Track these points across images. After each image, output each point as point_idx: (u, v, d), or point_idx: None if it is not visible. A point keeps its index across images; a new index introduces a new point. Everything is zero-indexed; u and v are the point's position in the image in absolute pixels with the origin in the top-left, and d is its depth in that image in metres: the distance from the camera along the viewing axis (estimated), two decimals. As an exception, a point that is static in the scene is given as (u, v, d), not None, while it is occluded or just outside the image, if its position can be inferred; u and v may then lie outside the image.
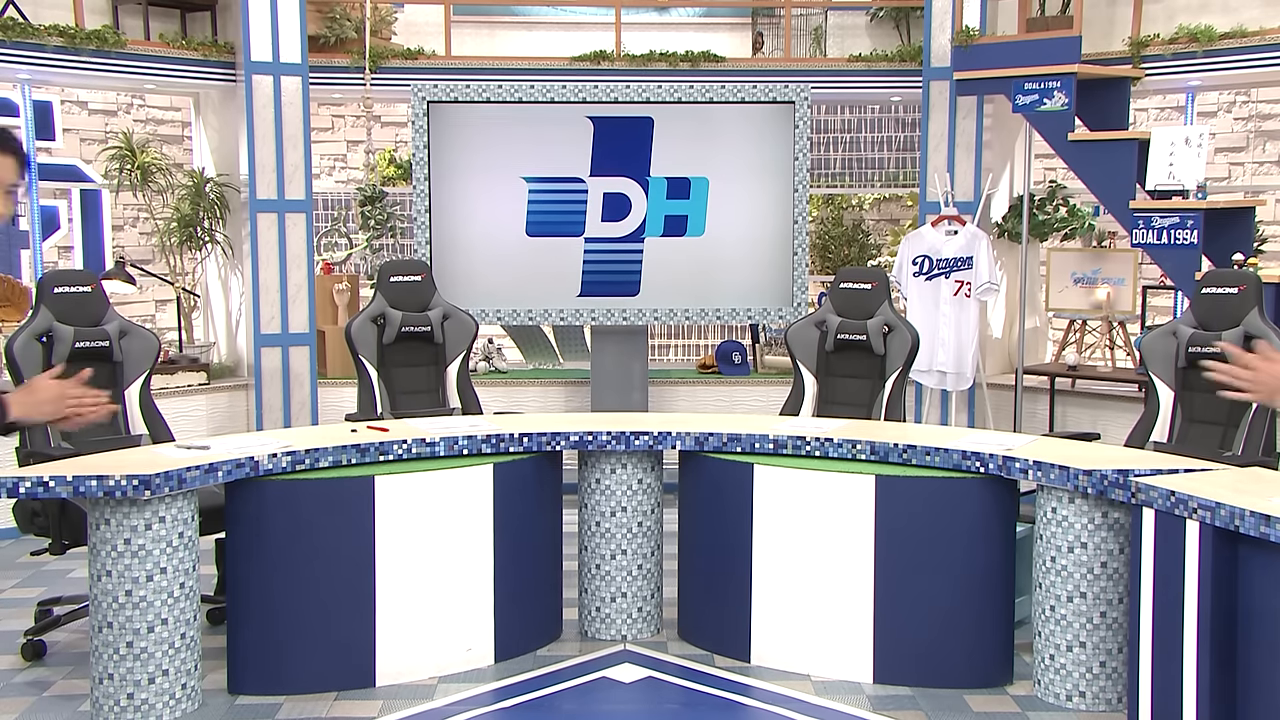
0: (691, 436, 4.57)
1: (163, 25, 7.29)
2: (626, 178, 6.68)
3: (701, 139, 6.65)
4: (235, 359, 7.73)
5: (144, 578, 3.83)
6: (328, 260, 7.91)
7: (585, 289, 6.73)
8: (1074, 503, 3.98)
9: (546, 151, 6.65)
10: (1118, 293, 7.35)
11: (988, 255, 6.97)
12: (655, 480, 4.70)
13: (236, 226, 7.53)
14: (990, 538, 4.21)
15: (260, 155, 7.05)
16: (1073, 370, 7.28)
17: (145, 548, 3.83)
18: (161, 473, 3.80)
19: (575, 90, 6.66)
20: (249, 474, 4.08)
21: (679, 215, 6.71)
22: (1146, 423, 4.87)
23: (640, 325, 6.84)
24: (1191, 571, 3.41)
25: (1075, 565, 3.98)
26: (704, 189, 6.68)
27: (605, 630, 4.67)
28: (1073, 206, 7.54)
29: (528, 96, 6.62)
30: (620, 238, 6.71)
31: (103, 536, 3.83)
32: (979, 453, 4.21)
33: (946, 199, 7.15)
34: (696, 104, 6.65)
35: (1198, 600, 3.39)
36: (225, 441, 4.37)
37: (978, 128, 7.31)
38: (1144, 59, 6.92)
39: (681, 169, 6.68)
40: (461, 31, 8.22)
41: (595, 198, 6.69)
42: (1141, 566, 3.58)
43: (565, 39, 8.18)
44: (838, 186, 10.63)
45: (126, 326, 5.08)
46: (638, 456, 4.64)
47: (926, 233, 7.16)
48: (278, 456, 4.14)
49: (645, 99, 6.65)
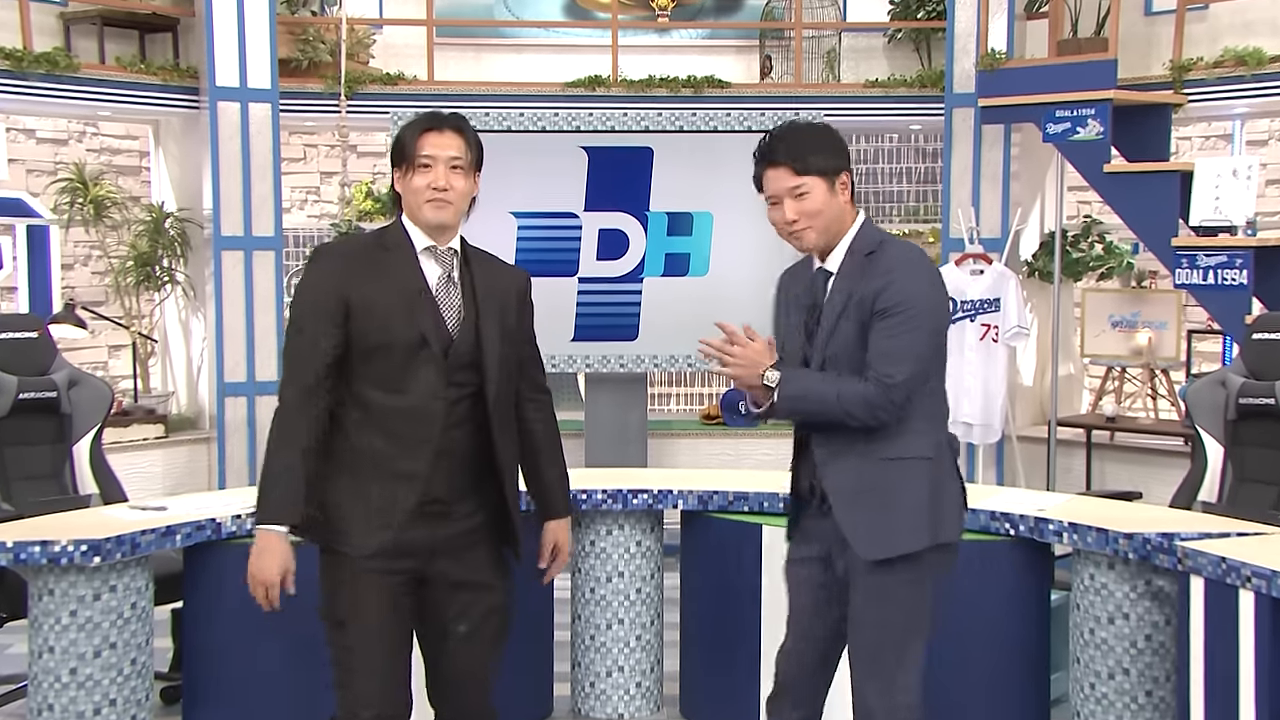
0: (694, 495, 4.55)
1: (119, 47, 7.35)
2: (624, 212, 6.69)
3: (705, 171, 6.67)
4: (196, 410, 7.72)
5: (91, 654, 3.80)
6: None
7: (579, 333, 6.72)
8: (1114, 569, 3.95)
9: (537, 184, 6.67)
10: (1160, 338, 7.36)
11: (1017, 297, 6.98)
12: (655, 543, 4.68)
13: (199, 265, 7.55)
14: (1022, 607, 4.18)
15: (225, 188, 7.08)
16: (1111, 422, 7.28)
17: (93, 620, 3.80)
18: (113, 537, 3.78)
19: (568, 118, 6.69)
20: (210, 537, 4.06)
21: (680, 253, 6.72)
22: (1193, 481, 4.85)
23: (638, 372, 6.83)
24: (1246, 647, 3.38)
25: (1116, 638, 3.95)
26: (708, 225, 6.69)
27: (600, 707, 4.63)
28: (1109, 244, 7.56)
29: (516, 125, 6.65)
30: (617, 277, 6.72)
31: (45, 608, 3.80)
32: (1008, 513, 4.19)
33: (971, 236, 7.17)
34: (699, 133, 6.67)
35: (1254, 679, 3.35)
36: (184, 501, 4.35)
37: (1005, 158, 7.34)
38: (1186, 84, 6.96)
39: (683, 203, 6.69)
40: (445, 55, 8.28)
41: (590, 234, 6.70)
42: (1190, 641, 3.55)
43: (558, 63, 8.24)
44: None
45: (76, 375, 5.07)
46: (636, 516, 4.61)
47: (950, 272, 7.16)
48: (242, 518, 4.12)
49: (644, 127, 6.68)
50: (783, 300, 3.35)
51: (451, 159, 3.10)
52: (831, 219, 3.13)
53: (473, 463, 3.16)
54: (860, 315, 3.08)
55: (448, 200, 3.09)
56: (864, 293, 3.08)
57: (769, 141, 3.17)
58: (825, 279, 3.19)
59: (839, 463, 3.16)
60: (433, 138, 3.10)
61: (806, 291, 3.23)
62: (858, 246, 3.16)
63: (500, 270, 3.30)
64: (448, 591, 3.18)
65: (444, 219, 3.11)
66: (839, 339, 3.12)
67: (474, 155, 3.16)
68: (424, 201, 3.09)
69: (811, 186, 3.09)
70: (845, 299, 3.11)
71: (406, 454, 3.07)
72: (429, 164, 3.08)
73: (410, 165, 3.11)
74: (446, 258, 3.16)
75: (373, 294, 3.06)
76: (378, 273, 3.09)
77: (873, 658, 3.18)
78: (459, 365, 3.11)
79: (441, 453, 3.09)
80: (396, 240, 3.15)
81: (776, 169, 3.13)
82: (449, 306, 3.13)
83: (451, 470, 3.12)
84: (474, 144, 3.17)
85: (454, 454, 3.12)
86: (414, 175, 3.10)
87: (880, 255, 3.14)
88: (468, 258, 3.22)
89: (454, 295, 3.15)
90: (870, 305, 3.06)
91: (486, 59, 8.75)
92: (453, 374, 3.10)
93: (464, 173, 3.12)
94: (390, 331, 3.05)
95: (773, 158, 3.13)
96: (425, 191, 3.08)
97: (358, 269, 3.10)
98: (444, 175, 3.08)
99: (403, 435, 3.07)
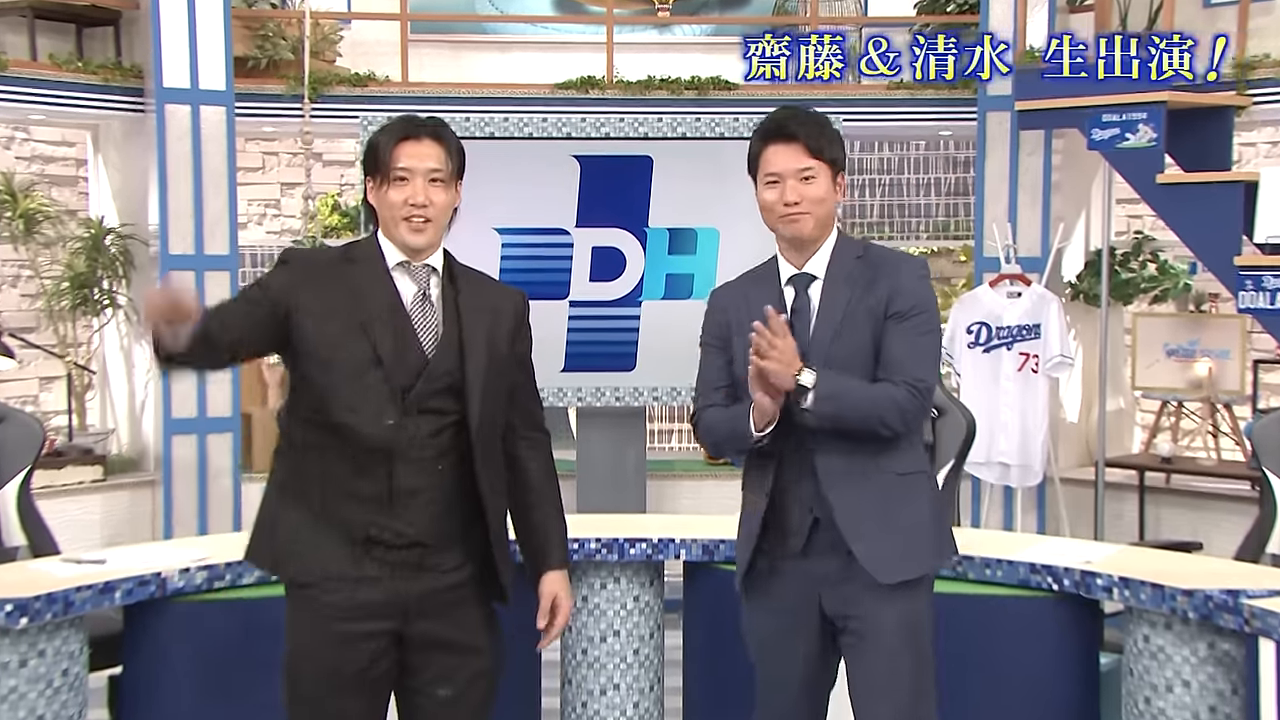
0: (699, 544, 4.53)
1: (54, 44, 7.36)
2: (620, 229, 6.70)
3: (710, 182, 6.67)
4: (139, 450, 7.71)
5: (19, 725, 3.78)
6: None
7: (570, 362, 6.72)
8: (1172, 630, 3.94)
9: (523, 197, 6.68)
10: (1221, 368, 7.36)
11: (1059, 322, 6.99)
12: (655, 598, 4.66)
13: (144, 287, 7.54)
14: (1067, 672, 4.16)
15: (174, 201, 7.09)
16: (1167, 463, 7.27)
17: (18, 690, 3.77)
18: (43, 595, 3.75)
19: (558, 124, 6.71)
20: (154, 594, 4.04)
21: (683, 274, 6.73)
22: (1261, 530, 4.83)
23: (636, 406, 6.83)
24: (1320, 717, 3.37)
25: (1176, 709, 3.93)
26: (713, 242, 6.71)
27: (593, 788, 4.61)
28: (1163, 263, 7.58)
29: (500, 131, 6.67)
30: (612, 301, 6.72)
31: (-32, 673, 3.79)
32: (1051, 566, 4.17)
33: (1008, 254, 7.19)
34: (704, 140, 6.69)
35: (1328, 752, 3.35)
36: (125, 554, 4.33)
37: (1045, 168, 7.37)
38: (1250, 84, 6.98)
39: (686, 218, 6.71)
40: (420, 53, 8.32)
41: (582, 253, 6.71)
42: (1260, 713, 3.53)
43: (547, 62, 8.28)
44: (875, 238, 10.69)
45: (2, 411, 5.06)
46: (633, 569, 4.60)
47: (984, 295, 7.19)
48: (190, 572, 4.10)
49: (642, 134, 6.69)
50: (727, 321, 3.40)
51: (430, 171, 3.13)
52: (827, 215, 3.29)
53: (459, 504, 3.17)
54: (872, 319, 3.22)
55: (427, 218, 3.12)
56: (876, 295, 3.23)
57: (779, 117, 3.31)
58: (804, 285, 3.31)
59: (851, 480, 3.23)
60: (410, 147, 3.13)
61: (772, 302, 3.27)
62: (844, 249, 3.33)
63: (491, 289, 3.33)
64: (429, 652, 3.18)
65: (421, 242, 3.15)
66: (845, 346, 3.22)
67: (455, 164, 3.20)
68: (400, 219, 3.12)
69: (819, 173, 3.25)
70: (846, 303, 3.24)
71: (353, 483, 3.10)
72: (405, 177, 3.12)
73: (385, 177, 3.14)
74: (422, 274, 3.18)
75: (321, 306, 3.10)
76: (334, 285, 3.13)
77: (891, 689, 3.27)
78: (436, 390, 3.12)
79: (419, 490, 3.10)
80: (366, 254, 3.20)
81: (788, 145, 3.25)
82: (425, 326, 3.15)
83: (435, 513, 3.13)
84: (455, 152, 3.20)
85: (437, 492, 3.13)
86: (389, 189, 3.13)
87: (873, 256, 3.33)
88: (453, 275, 3.25)
89: (431, 314, 3.16)
90: (884, 307, 3.22)
91: (467, 58, 8.79)
92: (430, 400, 3.11)
93: (444, 185, 3.16)
94: (335, 348, 3.08)
95: (786, 133, 3.26)
96: (402, 208, 3.11)
97: (314, 279, 3.15)
98: (422, 190, 3.11)
99: (350, 463, 3.09)
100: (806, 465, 3.27)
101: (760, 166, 3.31)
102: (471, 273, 3.31)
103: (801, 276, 3.30)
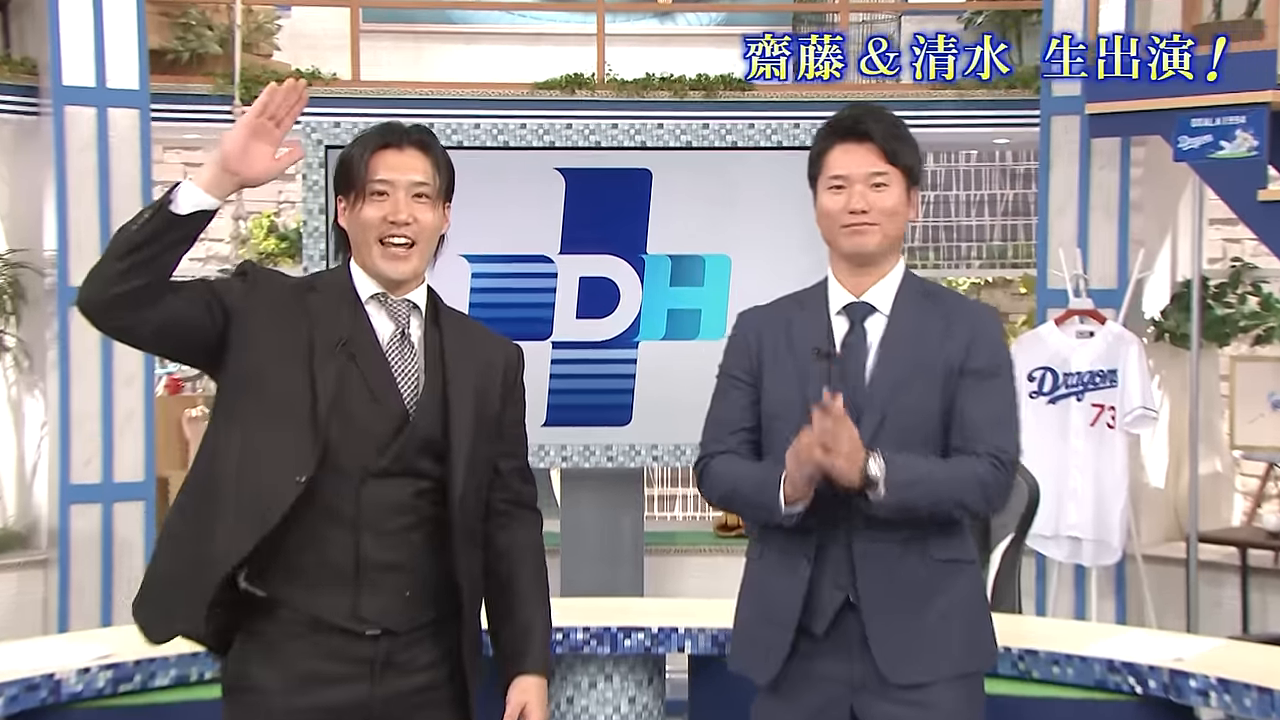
0: (707, 635, 4.51)
1: (-76, 34, 7.40)
2: (612, 255, 6.69)
3: (721, 201, 6.67)
4: (29, 522, 7.69)
5: None
6: (176, 375, 7.94)
7: (553, 415, 6.70)
8: (1280, 740, 3.94)
9: (497, 218, 6.67)
10: (1337, 423, 7.38)
11: (1140, 368, 6.99)
12: (654, 699, 4.64)
13: (37, 325, 7.55)
14: (1154, 792, 4.15)
15: (76, 221, 7.09)
16: (1275, 539, 7.26)
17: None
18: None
19: (539, 131, 6.71)
20: (47, 700, 4.02)
21: (689, 310, 6.72)
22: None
23: (632, 468, 6.82)
24: None
25: (1284, 835, 3.92)
26: (724, 272, 6.71)
27: None
28: (1268, 296, 7.59)
29: (470, 139, 6.68)
30: (604, 342, 6.71)
31: None
32: (1134, 664, 4.15)
33: (1077, 285, 7.19)
34: (714, 150, 6.69)
35: None
36: (10, 650, 4.32)
37: (1122, 183, 7.38)
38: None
39: (692, 243, 6.70)
40: (375, 46, 8.35)
41: (568, 284, 6.70)
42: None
43: (526, 57, 8.32)
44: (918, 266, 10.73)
45: None
46: (629, 663, 4.59)
47: (1048, 335, 7.19)
48: (91, 673, 4.07)
49: (640, 143, 6.69)
50: (759, 349, 3.44)
51: (415, 185, 3.14)
52: (896, 232, 3.35)
53: (433, 588, 3.15)
54: (946, 373, 3.25)
55: (410, 240, 3.13)
56: (953, 344, 3.27)
57: (852, 113, 3.37)
58: (861, 316, 3.33)
59: (885, 564, 3.25)
60: (390, 157, 3.14)
61: (818, 333, 3.34)
62: (911, 284, 3.38)
63: (480, 337, 3.33)
64: None
65: (402, 270, 3.16)
66: (911, 399, 3.25)
67: (444, 180, 3.22)
68: (377, 240, 3.13)
69: (893, 181, 3.31)
70: (915, 348, 3.28)
71: (301, 558, 3.06)
72: (384, 191, 3.13)
73: (359, 193, 3.15)
74: (401, 310, 3.19)
75: (274, 336, 3.09)
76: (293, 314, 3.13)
77: None
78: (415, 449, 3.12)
79: (389, 568, 3.08)
80: (334, 284, 3.21)
81: (861, 145, 3.31)
82: (405, 373, 3.15)
83: (407, 597, 3.11)
84: (444, 165, 3.23)
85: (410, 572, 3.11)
86: (364, 206, 3.14)
87: (944, 299, 3.40)
88: (438, 314, 3.26)
89: (411, 358, 3.17)
90: (961, 360, 3.25)
91: (430, 52, 8.83)
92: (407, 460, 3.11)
93: (431, 203, 3.17)
94: (281, 388, 3.07)
95: (860, 132, 3.32)
96: (379, 227, 3.12)
97: (271, 301, 3.13)
98: (405, 206, 3.12)
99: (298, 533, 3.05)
100: (843, 532, 3.27)
101: (824, 168, 3.35)
102: (458, 315, 3.33)
103: (858, 305, 3.33)
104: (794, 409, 3.26)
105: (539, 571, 3.37)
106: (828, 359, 3.30)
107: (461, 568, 3.15)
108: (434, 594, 3.15)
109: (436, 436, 3.14)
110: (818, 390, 3.20)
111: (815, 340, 3.33)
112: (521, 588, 3.33)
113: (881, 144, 3.28)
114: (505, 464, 3.31)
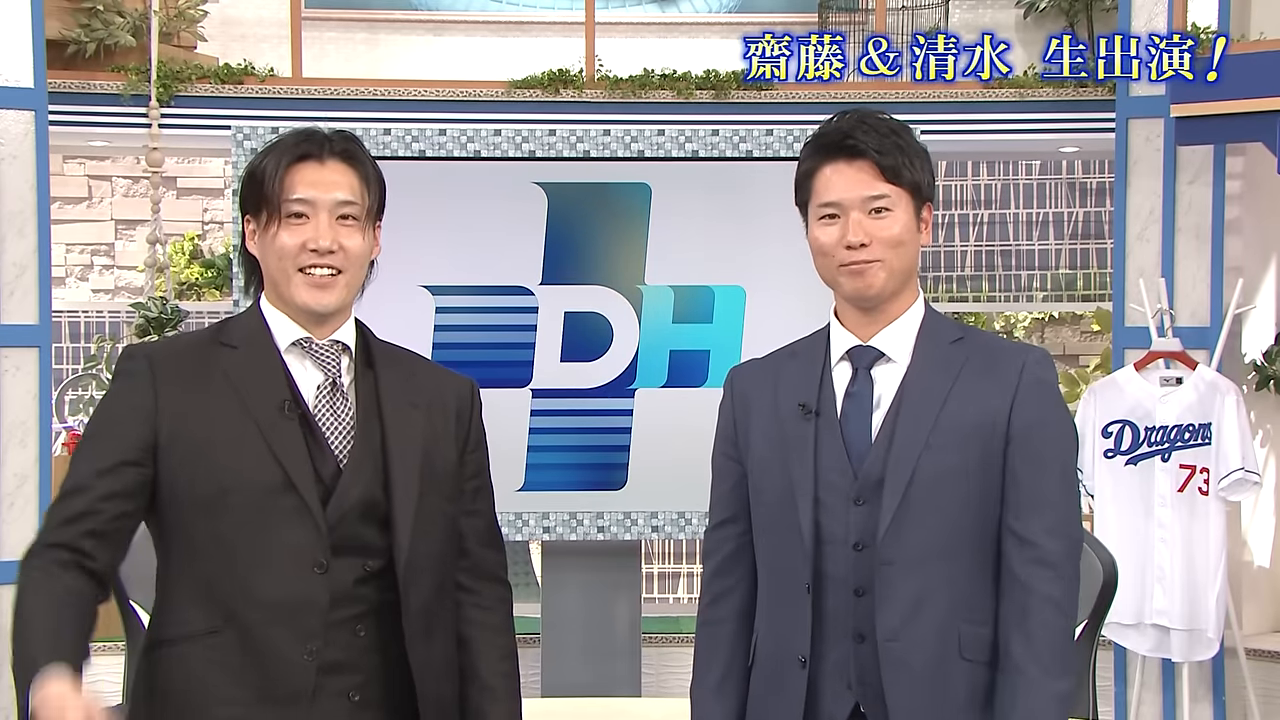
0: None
1: None
2: (604, 287, 6.68)
3: (734, 221, 6.61)
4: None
5: None
6: (76, 430, 7.90)
7: (533, 476, 6.59)
8: None
9: (467, 242, 6.62)
10: None
11: (1238, 421, 6.85)
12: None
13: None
14: None
15: (-43, 245, 7.04)
16: None
17: None
18: None
19: (516, 138, 6.65)
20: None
21: (695, 351, 6.64)
22: None
23: (628, 540, 6.74)
24: None
25: None
26: (737, 306, 6.63)
27: None
28: (1393, 338, 7.55)
29: (434, 149, 6.63)
30: (594, 389, 6.65)
31: None
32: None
33: (1161, 323, 7.10)
34: (724, 161, 6.66)
35: None
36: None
37: (1216, 199, 7.26)
38: None
39: (699, 272, 6.62)
40: (320, 37, 8.34)
41: (550, 320, 6.62)
42: None
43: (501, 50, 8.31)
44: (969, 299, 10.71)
45: None
46: (625, 779, 4.55)
47: (1127, 382, 7.05)
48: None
49: (637, 152, 6.65)
50: (743, 414, 3.33)
51: (339, 205, 3.04)
52: (906, 265, 3.18)
53: (385, 688, 3.01)
54: (982, 436, 3.11)
55: (334, 268, 3.02)
56: (991, 401, 3.12)
57: (842, 124, 3.17)
58: (867, 363, 3.20)
59: (914, 668, 3.10)
60: (309, 172, 3.04)
61: (807, 386, 3.22)
62: (934, 326, 3.22)
63: (425, 375, 3.23)
64: None
65: (327, 303, 3.04)
66: (939, 464, 3.10)
67: (374, 197, 3.11)
68: (294, 271, 3.01)
69: (896, 203, 3.14)
70: (942, 404, 3.13)
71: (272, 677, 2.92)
72: (303, 213, 3.03)
73: (272, 215, 3.04)
74: (330, 356, 3.09)
75: (199, 418, 2.96)
76: (210, 384, 3.01)
77: None
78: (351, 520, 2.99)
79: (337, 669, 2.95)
80: (247, 333, 3.08)
81: (854, 164, 3.14)
82: (335, 429, 3.05)
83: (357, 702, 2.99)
84: (373, 180, 3.11)
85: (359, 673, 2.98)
86: (279, 231, 3.03)
87: (980, 343, 3.22)
88: (370, 355, 3.16)
89: (343, 411, 3.07)
90: (1004, 421, 3.11)
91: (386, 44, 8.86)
92: (341, 535, 2.97)
93: (358, 226, 3.07)
94: (229, 474, 2.94)
95: (849, 147, 3.13)
96: (298, 255, 3.01)
97: (179, 380, 3.00)
98: (328, 229, 3.02)
99: (263, 643, 2.92)
100: (857, 618, 3.12)
101: (812, 194, 3.17)
102: (396, 351, 3.20)
103: (863, 351, 3.17)
104: (773, 479, 3.17)
105: (505, 662, 3.23)
106: (816, 415, 3.15)
107: (418, 667, 3.02)
108: (387, 696, 3.02)
109: (376, 498, 3.02)
110: (800, 454, 3.13)
111: (802, 394, 3.19)
112: (484, 684, 3.20)
113: (878, 160, 3.10)
114: (466, 526, 3.20)
